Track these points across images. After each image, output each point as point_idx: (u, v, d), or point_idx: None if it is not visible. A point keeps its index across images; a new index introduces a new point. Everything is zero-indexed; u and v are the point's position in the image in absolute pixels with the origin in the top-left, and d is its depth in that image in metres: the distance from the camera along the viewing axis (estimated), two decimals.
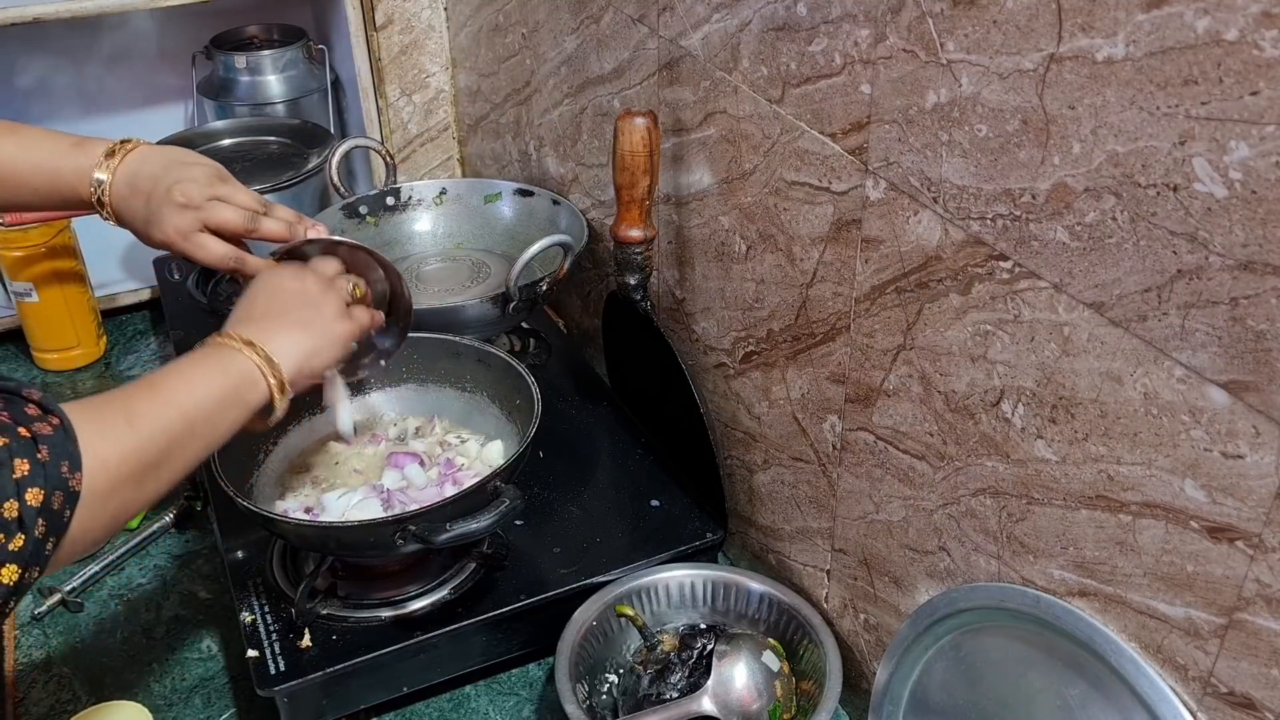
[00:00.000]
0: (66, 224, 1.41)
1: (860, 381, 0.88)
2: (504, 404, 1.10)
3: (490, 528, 0.92)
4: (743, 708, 0.94)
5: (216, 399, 0.80)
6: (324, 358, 0.90)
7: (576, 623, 0.98)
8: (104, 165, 0.94)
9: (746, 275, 1.01)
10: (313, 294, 0.91)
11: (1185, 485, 0.61)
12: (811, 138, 0.86)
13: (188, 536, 1.22)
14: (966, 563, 0.81)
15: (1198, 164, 0.56)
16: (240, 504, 0.93)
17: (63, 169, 0.94)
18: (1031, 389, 0.71)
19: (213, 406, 0.79)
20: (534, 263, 1.17)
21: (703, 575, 1.04)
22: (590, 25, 1.22)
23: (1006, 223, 0.69)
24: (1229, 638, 0.61)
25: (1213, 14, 0.53)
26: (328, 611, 0.99)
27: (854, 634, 0.98)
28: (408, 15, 1.63)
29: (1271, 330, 0.54)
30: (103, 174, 0.93)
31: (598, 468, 1.19)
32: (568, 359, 1.36)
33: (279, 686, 0.93)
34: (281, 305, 0.89)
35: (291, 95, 1.69)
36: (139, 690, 1.04)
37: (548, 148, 1.43)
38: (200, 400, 0.78)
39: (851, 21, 0.78)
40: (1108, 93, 0.60)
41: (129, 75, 1.75)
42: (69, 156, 0.94)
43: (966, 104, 0.69)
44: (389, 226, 1.43)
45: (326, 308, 0.91)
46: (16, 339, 1.52)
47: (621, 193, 1.06)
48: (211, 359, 0.82)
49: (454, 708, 1.02)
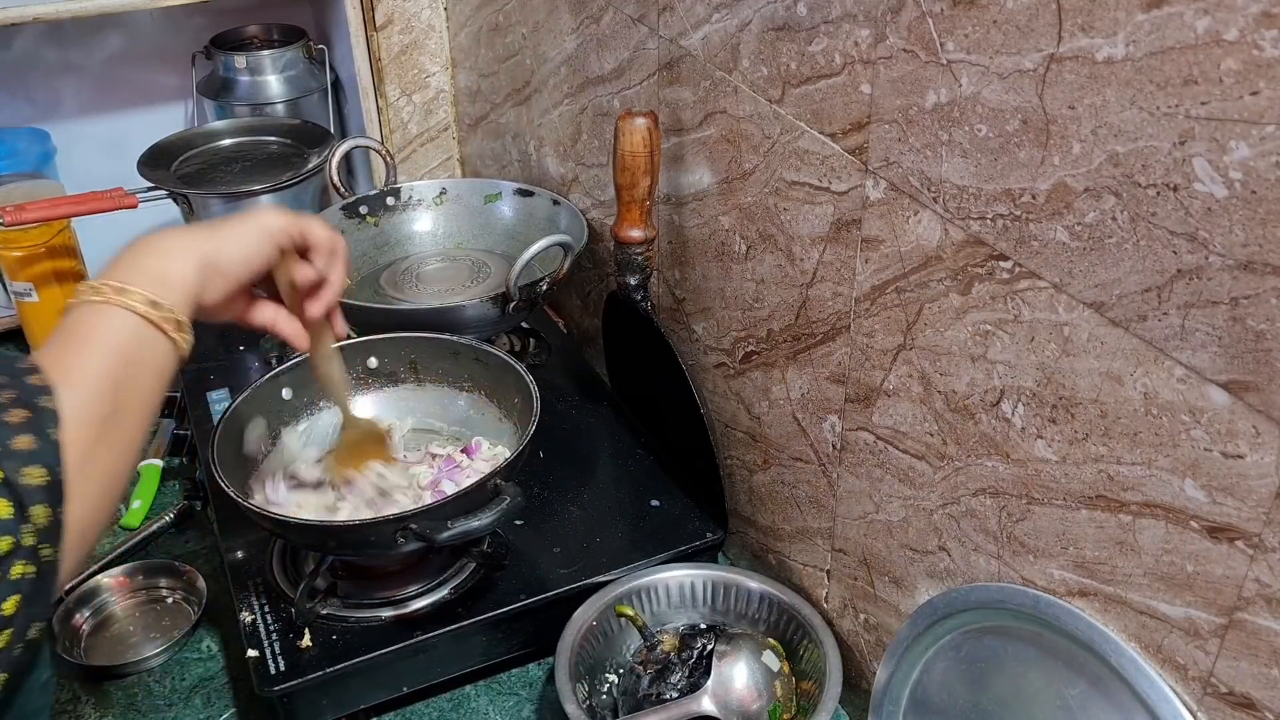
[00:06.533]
0: (66, 224, 1.42)
1: (860, 381, 0.88)
2: (503, 404, 1.10)
3: (491, 525, 0.92)
4: (743, 708, 0.94)
5: (107, 362, 0.69)
6: (239, 246, 0.79)
7: (576, 623, 0.98)
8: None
9: (746, 275, 1.01)
10: (236, 215, 0.84)
11: (1185, 485, 0.61)
12: (811, 138, 0.86)
13: (188, 536, 1.22)
14: (966, 563, 0.81)
15: (1198, 164, 0.56)
16: (240, 504, 0.93)
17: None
18: (1031, 389, 0.71)
19: (115, 368, 0.69)
20: (534, 263, 1.17)
21: (703, 575, 1.04)
22: (590, 25, 1.22)
23: (1006, 223, 0.69)
24: (1229, 638, 0.61)
25: (1213, 14, 0.53)
26: (328, 611, 0.99)
27: (854, 634, 0.98)
28: (408, 15, 1.63)
29: (1271, 330, 0.54)
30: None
31: (598, 468, 1.19)
32: (568, 359, 1.36)
33: (279, 686, 0.93)
34: (184, 227, 0.81)
35: (291, 95, 1.69)
36: (139, 690, 1.04)
37: (548, 148, 1.43)
38: (105, 373, 0.69)
39: (851, 21, 0.78)
40: (1108, 93, 0.60)
41: (129, 75, 1.75)
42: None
43: (966, 104, 0.69)
44: (389, 226, 1.43)
45: (247, 214, 0.83)
46: (17, 339, 1.52)
47: (622, 193, 1.06)
48: (80, 328, 0.71)
49: (454, 708, 1.02)
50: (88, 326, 0.71)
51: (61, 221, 1.40)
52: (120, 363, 0.70)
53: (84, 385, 0.67)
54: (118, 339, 0.71)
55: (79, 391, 0.66)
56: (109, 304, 0.71)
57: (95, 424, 0.66)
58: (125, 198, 1.36)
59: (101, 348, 0.70)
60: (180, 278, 0.75)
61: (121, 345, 0.71)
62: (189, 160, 1.49)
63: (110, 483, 0.68)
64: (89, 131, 1.73)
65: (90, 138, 1.72)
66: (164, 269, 0.75)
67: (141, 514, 1.24)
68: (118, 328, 0.71)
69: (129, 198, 1.36)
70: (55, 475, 0.62)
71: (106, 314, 0.71)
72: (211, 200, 1.41)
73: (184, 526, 1.23)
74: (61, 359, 0.68)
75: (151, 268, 0.74)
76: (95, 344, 0.70)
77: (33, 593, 0.60)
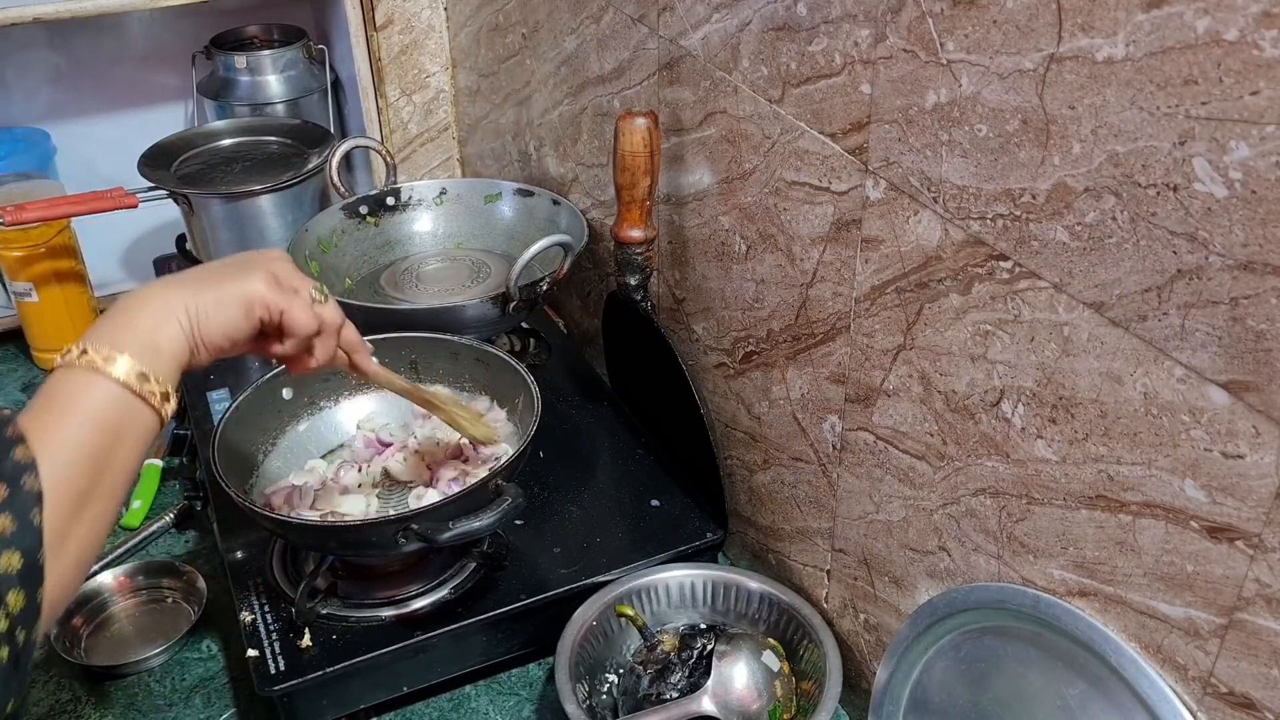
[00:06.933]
0: (66, 224, 1.41)
1: (860, 381, 0.88)
2: (504, 404, 1.10)
3: (492, 526, 0.92)
4: (743, 708, 0.94)
5: (91, 435, 0.67)
6: (219, 318, 0.75)
7: (576, 623, 0.98)
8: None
9: (746, 275, 1.01)
10: (240, 256, 0.80)
11: (1185, 485, 0.61)
12: (811, 138, 0.86)
13: (188, 536, 1.22)
14: (966, 563, 0.81)
15: (1198, 164, 0.56)
16: (240, 504, 0.93)
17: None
18: (1031, 389, 0.71)
19: (98, 442, 0.67)
20: (534, 263, 1.17)
21: (703, 575, 1.04)
22: (590, 25, 1.22)
23: (1006, 223, 0.69)
24: (1229, 638, 0.61)
25: (1213, 14, 0.53)
26: (328, 611, 0.99)
27: (854, 634, 0.98)
28: (408, 15, 1.63)
29: (1271, 330, 0.54)
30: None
31: (598, 468, 1.19)
32: (568, 359, 1.36)
33: (279, 686, 0.93)
34: (181, 274, 0.77)
35: (291, 95, 1.69)
36: (139, 690, 1.04)
37: (548, 148, 1.43)
38: (83, 446, 0.67)
39: (851, 21, 0.78)
40: (1108, 93, 0.60)
41: (129, 75, 1.75)
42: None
43: (966, 104, 0.69)
44: (389, 226, 1.43)
45: (244, 264, 0.78)
46: (16, 339, 1.52)
47: (622, 193, 1.06)
48: (64, 397, 0.68)
49: (454, 708, 1.02)
50: (70, 395, 0.68)
51: (61, 221, 1.40)
52: (103, 437, 0.67)
53: (65, 461, 0.65)
54: (103, 412, 0.68)
55: (59, 467, 0.64)
56: (97, 374, 0.68)
57: (73, 500, 0.64)
58: (125, 198, 1.36)
59: (85, 420, 0.67)
60: (170, 345, 0.72)
61: (106, 419, 0.68)
62: (189, 160, 1.49)
63: (85, 558, 0.66)
64: (89, 131, 1.73)
65: (90, 138, 1.72)
66: (155, 334, 0.72)
67: (141, 514, 1.24)
68: (104, 400, 0.68)
69: (129, 198, 1.36)
70: (33, 559, 0.61)
71: (93, 384, 0.68)
72: (211, 200, 1.41)
73: (184, 526, 1.23)
74: (44, 428, 0.65)
75: (143, 331, 0.71)
76: (78, 415, 0.67)
77: (6, 675, 0.59)
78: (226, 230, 1.44)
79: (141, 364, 0.69)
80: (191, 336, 0.74)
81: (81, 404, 0.68)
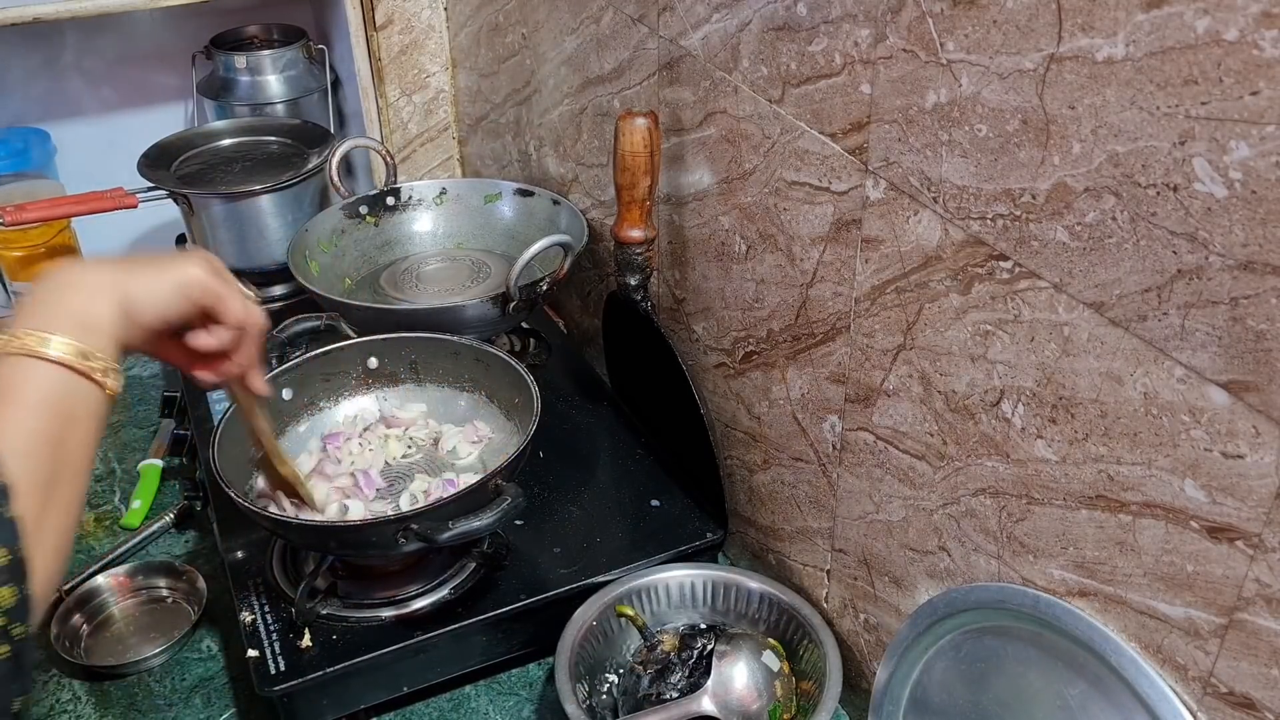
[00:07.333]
0: (66, 224, 1.42)
1: (860, 381, 0.88)
2: (504, 404, 1.10)
3: (492, 525, 0.92)
4: (743, 708, 0.94)
5: (43, 421, 0.66)
6: (154, 296, 0.74)
7: (576, 623, 0.98)
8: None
9: (746, 275, 1.01)
10: (157, 255, 0.80)
11: (1185, 485, 0.61)
12: (811, 138, 0.86)
13: (188, 536, 1.22)
14: (966, 563, 0.81)
15: (1198, 164, 0.56)
16: (240, 504, 0.93)
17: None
18: (1031, 389, 0.71)
19: (51, 427, 0.66)
20: (534, 263, 1.17)
21: (703, 575, 1.04)
22: (590, 25, 1.22)
23: (1006, 223, 0.69)
24: (1229, 638, 0.61)
25: (1213, 14, 0.53)
26: (328, 611, 0.99)
27: (854, 634, 0.98)
28: (408, 15, 1.63)
29: (1271, 330, 0.54)
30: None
31: (598, 468, 1.19)
32: (568, 359, 1.36)
33: (279, 686, 0.93)
34: (107, 260, 0.76)
35: (291, 95, 1.69)
36: (139, 690, 1.04)
37: (548, 148, 1.43)
38: (34, 426, 0.66)
39: (851, 21, 0.78)
40: (1108, 93, 0.60)
41: (129, 75, 1.75)
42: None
43: (966, 104, 0.69)
44: (389, 226, 1.43)
45: (175, 256, 0.78)
46: None
47: (622, 193, 1.06)
48: (6, 387, 0.67)
49: (454, 708, 1.02)
50: (12, 383, 0.66)
51: (61, 221, 1.40)
52: (55, 421, 0.66)
53: (23, 451, 0.64)
54: (49, 395, 0.67)
55: (19, 459, 0.63)
56: (34, 357, 0.66)
57: (40, 490, 0.64)
58: (125, 198, 1.36)
59: (33, 407, 0.66)
60: (103, 320, 0.71)
61: (54, 402, 0.67)
62: (189, 160, 1.49)
63: (62, 544, 0.66)
64: (89, 131, 1.73)
65: (90, 138, 1.72)
66: (86, 310, 0.70)
67: (141, 514, 1.24)
68: (47, 383, 0.67)
69: (129, 198, 1.36)
70: (15, 553, 0.60)
71: (33, 369, 0.67)
72: (212, 200, 1.41)
73: (184, 526, 1.23)
74: None
75: (74, 308, 0.70)
76: (25, 404, 0.66)
77: (10, 671, 0.59)
78: (226, 230, 1.44)
79: (79, 341, 0.68)
80: (124, 314, 0.72)
81: (26, 391, 0.66)
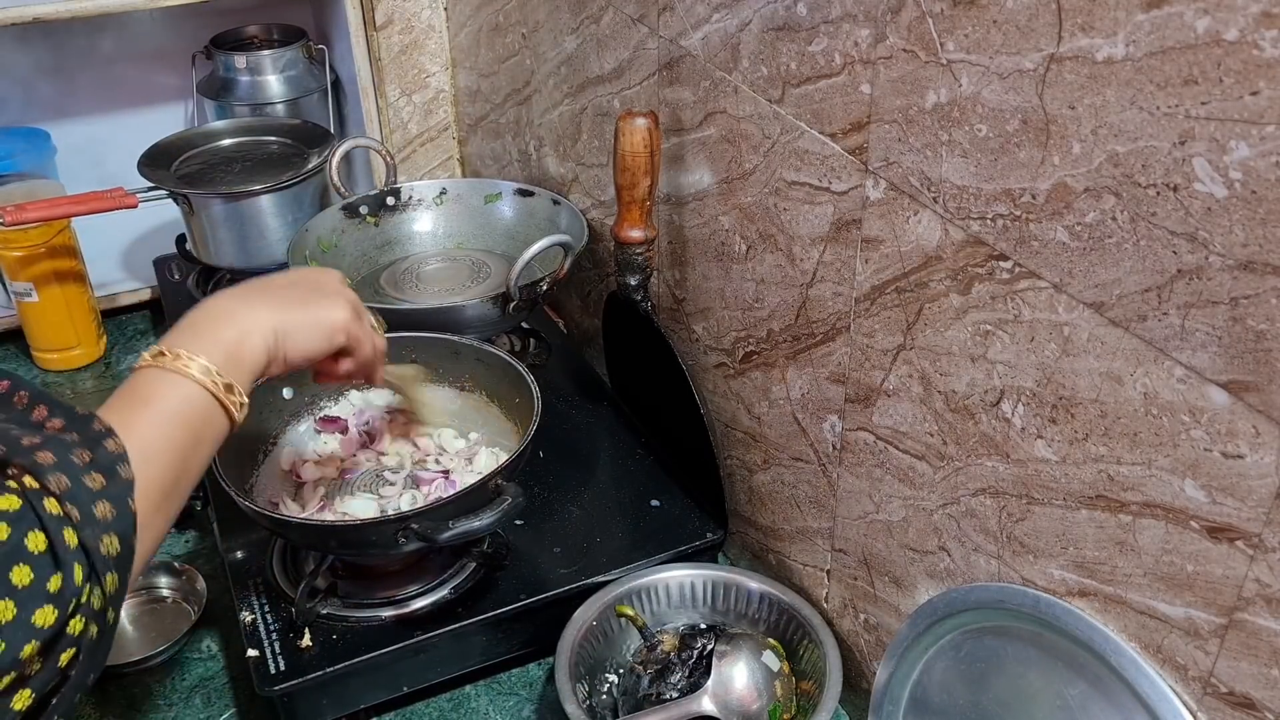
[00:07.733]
0: (66, 224, 1.41)
1: (860, 381, 0.88)
2: (504, 404, 1.11)
3: (492, 525, 0.92)
4: (743, 708, 0.94)
5: (177, 432, 0.70)
6: (304, 341, 0.80)
7: (576, 623, 0.98)
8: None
9: (746, 275, 1.01)
10: (306, 277, 0.85)
11: (1185, 485, 0.61)
12: (811, 138, 0.86)
13: (188, 536, 1.22)
14: (966, 563, 0.81)
15: (1198, 164, 0.56)
16: (240, 504, 0.93)
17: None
18: (1031, 389, 0.71)
19: (183, 440, 0.70)
20: (534, 263, 1.17)
21: (703, 575, 1.04)
22: (590, 25, 1.22)
23: (1006, 223, 0.69)
24: (1229, 638, 0.61)
25: (1213, 14, 0.53)
26: (328, 611, 0.99)
27: (854, 634, 0.98)
28: (408, 15, 1.63)
29: (1271, 330, 0.54)
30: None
31: (598, 468, 1.19)
32: (568, 359, 1.36)
33: (279, 686, 0.93)
34: (256, 290, 0.81)
35: (291, 95, 1.69)
36: (139, 690, 1.04)
37: (548, 148, 1.43)
38: (164, 446, 0.69)
39: (851, 21, 0.78)
40: (1108, 93, 0.60)
41: (129, 75, 1.75)
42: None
43: (966, 104, 0.69)
44: (389, 226, 1.43)
45: (319, 288, 0.83)
46: (16, 339, 1.52)
47: (622, 193, 1.06)
48: (148, 394, 0.71)
49: (454, 708, 1.02)
50: (160, 394, 0.71)
51: (61, 221, 1.40)
52: (190, 437, 0.71)
53: (153, 454, 0.67)
54: (189, 412, 0.71)
55: (148, 461, 0.66)
56: (182, 376, 0.71)
57: (159, 494, 0.67)
58: (125, 198, 1.36)
59: (174, 419, 0.70)
60: (252, 358, 0.76)
61: (190, 418, 0.71)
62: (189, 160, 1.49)
63: (155, 549, 0.69)
64: (89, 131, 1.73)
65: (90, 138, 1.72)
66: (239, 345, 0.75)
67: None
68: (188, 400, 0.71)
69: (129, 198, 1.36)
70: (128, 545, 0.63)
71: (180, 385, 0.71)
72: (212, 200, 1.41)
73: (184, 526, 1.23)
74: (133, 425, 0.67)
75: (227, 342, 0.74)
76: (167, 414, 0.70)
77: (94, 650, 0.62)
78: (226, 230, 1.44)
79: (225, 372, 0.73)
80: (273, 353, 0.78)
81: (169, 402, 0.71)
